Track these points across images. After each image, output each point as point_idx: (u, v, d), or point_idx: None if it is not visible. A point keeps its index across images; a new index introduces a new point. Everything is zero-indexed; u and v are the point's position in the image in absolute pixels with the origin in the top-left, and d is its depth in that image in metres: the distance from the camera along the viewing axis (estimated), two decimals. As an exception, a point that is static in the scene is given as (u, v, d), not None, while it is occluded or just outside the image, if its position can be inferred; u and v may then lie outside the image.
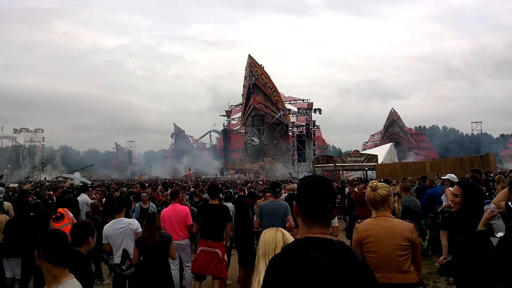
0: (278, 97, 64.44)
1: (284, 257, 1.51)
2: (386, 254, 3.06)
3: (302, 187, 1.69)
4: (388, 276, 3.04)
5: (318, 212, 1.61)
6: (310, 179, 1.70)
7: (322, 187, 1.65)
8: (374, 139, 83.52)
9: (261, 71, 64.87)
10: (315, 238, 1.56)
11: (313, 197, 1.62)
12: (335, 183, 20.41)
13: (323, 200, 1.62)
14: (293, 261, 1.47)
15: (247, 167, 59.17)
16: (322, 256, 1.46)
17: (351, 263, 1.50)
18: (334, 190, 1.71)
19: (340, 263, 1.48)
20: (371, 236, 3.11)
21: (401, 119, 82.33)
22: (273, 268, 1.51)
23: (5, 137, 75.32)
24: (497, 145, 76.00)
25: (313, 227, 1.61)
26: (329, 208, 1.62)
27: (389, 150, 40.81)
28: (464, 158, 24.70)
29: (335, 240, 1.59)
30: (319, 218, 1.62)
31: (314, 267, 1.44)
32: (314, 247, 1.50)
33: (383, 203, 3.21)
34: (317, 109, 57.06)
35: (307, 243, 1.53)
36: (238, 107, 70.50)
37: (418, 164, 27.46)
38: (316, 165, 39.33)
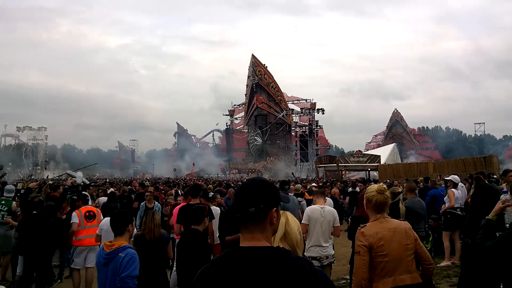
0: (281, 97, 64.41)
1: (207, 270, 1.52)
2: (397, 256, 3.01)
3: (236, 191, 1.68)
4: (401, 278, 3.00)
5: (243, 217, 1.56)
6: (243, 184, 1.67)
7: (248, 189, 1.60)
8: (377, 139, 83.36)
9: (264, 70, 64.85)
10: (243, 248, 1.53)
11: (239, 200, 1.59)
12: (338, 183, 20.39)
13: (247, 202, 1.56)
14: (211, 275, 1.48)
15: (250, 166, 59.18)
16: (240, 266, 1.45)
17: (277, 270, 1.46)
18: (264, 192, 1.59)
19: (261, 271, 1.44)
20: (382, 239, 3.02)
21: (404, 120, 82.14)
22: (197, 278, 1.53)
23: (8, 135, 75.59)
24: (500, 146, 75.65)
25: (245, 234, 1.57)
26: (252, 211, 1.54)
27: (392, 150, 40.73)
28: (467, 159, 24.55)
29: (265, 248, 1.52)
30: (246, 225, 1.57)
31: (226, 279, 1.44)
32: (237, 257, 1.49)
33: (388, 205, 3.19)
34: (320, 109, 57.07)
35: (232, 254, 1.52)
36: (241, 106, 70.52)
37: (421, 165, 27.32)
38: (318, 165, 39.28)
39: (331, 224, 5.56)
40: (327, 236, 5.58)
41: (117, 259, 3.31)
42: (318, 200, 5.82)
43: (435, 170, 23.49)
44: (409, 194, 7.05)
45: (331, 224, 5.56)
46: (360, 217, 6.06)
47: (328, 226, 5.55)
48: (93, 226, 6.53)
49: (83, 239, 6.48)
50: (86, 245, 6.47)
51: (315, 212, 5.58)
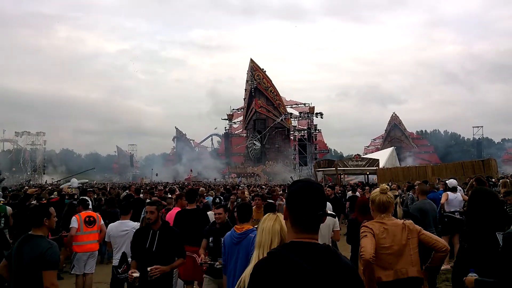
0: (280, 101, 64.50)
1: (268, 263, 1.53)
2: (399, 249, 3.13)
3: (293, 192, 1.66)
4: (403, 271, 3.11)
5: (309, 219, 1.59)
6: (302, 184, 1.66)
7: (315, 193, 1.62)
8: (376, 143, 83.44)
9: (262, 75, 64.98)
10: (300, 243, 1.56)
11: (305, 204, 1.60)
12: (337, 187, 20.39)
13: (315, 207, 1.60)
14: (276, 267, 1.49)
15: (249, 170, 59.13)
16: (305, 261, 1.48)
17: (335, 267, 1.51)
18: (326, 196, 1.69)
19: (324, 267, 1.49)
20: (385, 232, 3.17)
21: (403, 123, 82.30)
22: (257, 274, 1.52)
23: (7, 140, 75.47)
24: (498, 150, 75.78)
25: (301, 233, 1.60)
26: (319, 215, 1.60)
27: (391, 154, 40.76)
28: (466, 163, 24.60)
29: (320, 244, 1.59)
30: (309, 225, 1.60)
31: (297, 273, 1.47)
32: (298, 252, 1.52)
33: (392, 206, 3.32)
34: (319, 113, 57.15)
35: (291, 248, 1.55)
36: (240, 111, 70.58)
37: (420, 169, 27.35)
38: (317, 169, 39.26)
39: (330, 228, 5.55)
40: (327, 240, 5.57)
41: (248, 239, 3.88)
42: None
43: (433, 173, 23.52)
44: (421, 197, 7.05)
45: (330, 228, 5.55)
46: (356, 221, 6.07)
47: (328, 230, 5.54)
48: (93, 232, 6.49)
49: (83, 245, 6.42)
50: (87, 251, 6.42)
51: None
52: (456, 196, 8.20)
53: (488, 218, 2.99)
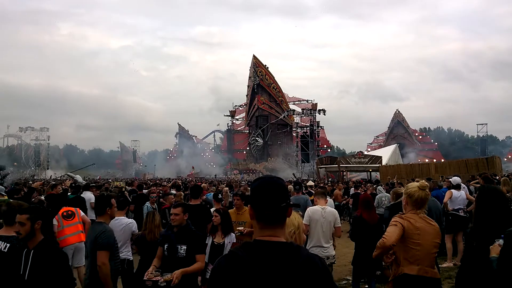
0: (283, 98, 64.35)
1: (222, 261, 1.58)
2: (427, 249, 3.21)
3: (255, 188, 1.68)
4: (426, 269, 3.19)
5: (273, 212, 1.60)
6: (263, 179, 1.70)
7: (275, 186, 1.65)
8: (379, 140, 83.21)
9: (265, 71, 64.81)
10: (260, 242, 1.58)
11: (267, 197, 1.62)
12: (340, 184, 20.34)
13: (276, 200, 1.61)
14: (227, 265, 1.54)
15: (251, 167, 59.12)
16: (257, 259, 1.51)
17: (291, 264, 1.52)
18: (287, 189, 1.70)
19: (277, 264, 1.50)
20: (419, 229, 3.21)
21: (406, 121, 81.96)
22: (213, 270, 1.59)
23: (11, 136, 75.78)
24: (502, 147, 75.43)
25: (265, 229, 1.61)
26: (283, 207, 1.61)
27: (394, 151, 40.61)
28: (469, 160, 24.46)
29: (281, 243, 1.59)
30: (274, 219, 1.61)
31: (244, 273, 1.50)
32: (254, 250, 1.55)
33: (427, 203, 3.38)
34: (322, 110, 56.91)
35: (249, 247, 1.57)
36: (242, 107, 70.50)
37: (423, 166, 27.24)
38: (319, 166, 39.21)
39: (332, 224, 5.54)
40: (328, 236, 5.55)
41: None
42: (319, 201, 5.79)
43: (437, 171, 23.42)
44: None
45: (332, 225, 5.54)
46: (360, 218, 6.04)
47: (329, 227, 5.52)
48: (74, 224, 6.60)
49: (66, 238, 6.51)
50: (71, 243, 6.51)
51: (316, 213, 5.56)
52: (460, 194, 8.14)
53: (497, 216, 2.97)
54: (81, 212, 6.88)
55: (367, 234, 5.73)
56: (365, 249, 5.56)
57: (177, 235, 4.14)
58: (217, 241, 4.85)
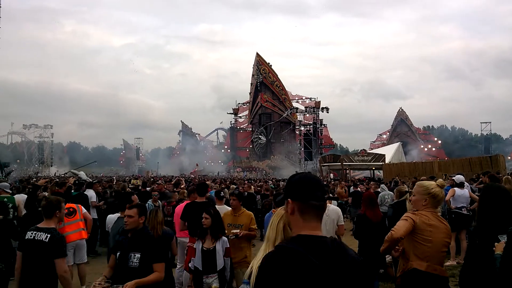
0: (286, 96, 64.26)
1: (276, 256, 1.54)
2: (438, 246, 3.22)
3: (299, 180, 1.70)
4: (434, 267, 3.21)
5: (319, 203, 1.63)
6: (303, 174, 1.75)
7: (318, 179, 1.73)
8: (382, 138, 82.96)
9: (268, 69, 64.72)
10: (307, 236, 1.58)
11: (313, 188, 1.64)
12: (343, 182, 20.33)
13: (322, 191, 1.65)
14: (284, 260, 1.50)
15: (254, 165, 59.13)
16: (313, 254, 1.49)
17: (342, 260, 1.53)
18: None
19: (330, 260, 1.50)
20: (432, 226, 3.23)
21: (409, 119, 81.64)
22: (265, 266, 1.54)
23: (15, 133, 76.11)
24: (506, 146, 75.02)
25: (308, 223, 1.62)
26: (326, 198, 1.66)
27: (397, 149, 40.50)
28: (473, 159, 24.36)
29: (326, 237, 1.61)
30: (319, 211, 1.64)
31: (304, 266, 1.47)
32: (306, 245, 1.53)
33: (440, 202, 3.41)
34: (325, 108, 56.83)
35: (299, 241, 1.56)
36: (245, 105, 70.45)
37: (426, 164, 27.18)
38: (323, 164, 39.14)
39: (335, 222, 5.53)
40: (331, 235, 5.55)
41: None
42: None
43: (440, 169, 23.37)
44: None
45: (335, 223, 5.53)
46: (364, 216, 6.05)
47: (332, 225, 5.52)
48: (75, 221, 6.64)
49: (68, 235, 6.55)
50: (72, 240, 6.56)
51: None
52: (463, 192, 8.12)
53: (500, 215, 2.97)
54: (83, 209, 6.90)
55: (371, 232, 5.73)
56: (369, 247, 5.56)
57: (130, 241, 3.71)
58: (207, 246, 4.46)
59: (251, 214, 5.56)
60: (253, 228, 5.40)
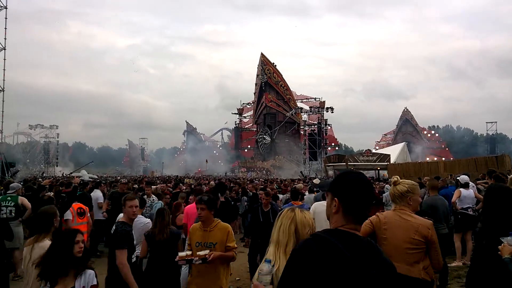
0: (290, 96, 64.22)
1: (311, 244, 1.54)
2: (396, 244, 3.18)
3: (349, 181, 1.68)
4: (395, 265, 3.08)
5: (363, 208, 1.65)
6: (355, 174, 1.74)
7: (369, 182, 1.71)
8: (387, 138, 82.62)
9: (273, 69, 64.70)
10: (344, 231, 1.59)
11: (362, 193, 1.65)
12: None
13: (369, 196, 1.67)
14: (319, 249, 1.51)
15: (258, 165, 59.12)
16: (347, 249, 1.50)
17: (375, 260, 1.54)
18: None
19: (364, 258, 1.51)
20: (386, 224, 3.27)
21: (414, 118, 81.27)
22: (298, 251, 1.56)
23: (21, 133, 76.65)
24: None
25: (349, 222, 1.63)
26: (372, 203, 1.70)
27: (402, 149, 40.35)
28: (479, 159, 24.20)
29: (363, 237, 1.62)
30: (360, 215, 1.65)
31: (338, 258, 1.48)
32: (342, 239, 1.54)
33: (401, 198, 3.35)
34: (329, 108, 56.70)
35: (336, 234, 1.57)
36: (250, 105, 70.50)
37: (432, 164, 27.04)
38: (327, 164, 39.06)
39: None
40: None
41: None
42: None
43: (445, 169, 23.23)
44: (431, 192, 6.98)
45: None
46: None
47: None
48: (83, 223, 6.69)
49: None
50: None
51: (319, 207, 5.62)
52: (469, 193, 8.05)
53: (505, 215, 2.94)
54: (88, 211, 7.01)
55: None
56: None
57: None
58: None
59: (228, 227, 4.19)
60: (231, 247, 4.05)
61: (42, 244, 3.60)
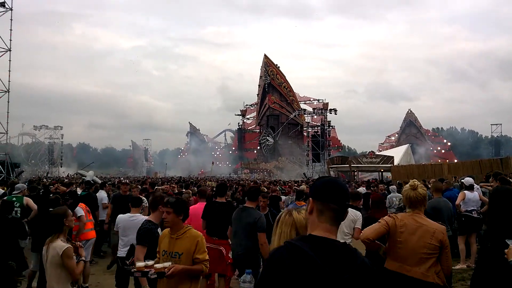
0: (293, 97, 64.19)
1: (283, 252, 1.56)
2: (412, 248, 3.16)
3: (325, 182, 1.72)
4: (407, 268, 3.15)
5: (339, 207, 1.64)
6: (330, 178, 1.78)
7: (343, 184, 1.72)
8: (391, 140, 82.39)
9: (276, 70, 64.72)
10: (318, 237, 1.59)
11: (336, 192, 1.66)
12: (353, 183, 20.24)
13: (345, 196, 1.67)
14: (289, 257, 1.51)
15: (261, 166, 59.11)
16: (319, 256, 1.50)
17: (349, 265, 1.52)
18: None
19: (336, 264, 1.50)
20: (403, 227, 3.22)
21: (418, 120, 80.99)
22: (270, 260, 1.57)
23: (26, 134, 76.98)
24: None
25: (323, 224, 1.63)
26: (346, 205, 1.67)
27: (406, 151, 40.29)
28: (483, 161, 24.05)
29: (337, 241, 1.61)
30: (338, 215, 1.64)
31: (308, 266, 1.48)
32: (314, 246, 1.54)
33: (421, 202, 3.32)
34: (333, 109, 56.64)
35: (308, 241, 1.58)
36: (253, 106, 70.51)
37: (435, 166, 26.92)
38: (331, 165, 39.04)
39: (352, 225, 5.46)
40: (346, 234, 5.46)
41: None
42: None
43: (450, 171, 23.13)
44: (435, 194, 6.97)
45: (352, 224, 5.46)
46: (373, 218, 6.00)
47: (349, 225, 5.45)
48: (90, 220, 6.96)
49: (89, 232, 6.75)
50: (91, 237, 6.80)
51: None
52: (474, 195, 8.03)
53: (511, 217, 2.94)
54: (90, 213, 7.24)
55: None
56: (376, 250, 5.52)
57: None
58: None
59: (199, 235, 3.53)
60: (200, 259, 3.40)
61: (54, 245, 3.79)
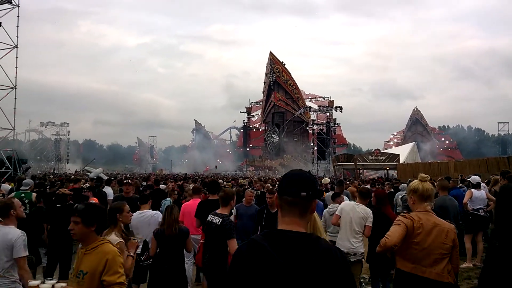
0: (299, 94, 64.06)
1: (243, 248, 1.65)
2: (428, 249, 3.11)
3: (282, 178, 1.78)
4: (422, 269, 3.10)
5: (292, 199, 1.64)
6: (290, 171, 1.78)
7: (298, 175, 1.70)
8: (397, 138, 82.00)
9: (282, 68, 64.60)
10: (277, 231, 1.62)
11: (288, 184, 1.68)
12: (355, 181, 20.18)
13: (297, 187, 1.64)
14: (247, 252, 1.60)
15: (267, 164, 59.12)
16: (274, 248, 1.54)
17: (309, 254, 1.53)
18: (312, 181, 1.70)
19: (294, 254, 1.53)
20: (420, 228, 3.14)
21: (424, 118, 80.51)
22: (234, 257, 1.67)
23: (32, 130, 77.66)
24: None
25: (284, 218, 1.65)
26: (303, 196, 1.64)
27: (412, 149, 40.03)
28: (490, 159, 23.88)
29: (299, 233, 1.60)
30: (292, 206, 1.65)
31: (262, 258, 1.54)
32: (272, 239, 1.58)
33: (430, 198, 3.27)
34: (338, 107, 56.45)
35: (269, 235, 1.61)
36: (258, 104, 70.48)
37: (442, 165, 26.79)
38: (336, 163, 38.91)
39: (363, 222, 5.47)
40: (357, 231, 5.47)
41: None
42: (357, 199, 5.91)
43: (456, 170, 22.99)
44: (441, 192, 6.95)
45: (363, 222, 5.47)
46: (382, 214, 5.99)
47: (360, 223, 5.46)
48: None
49: None
50: None
51: (347, 206, 5.66)
52: (481, 194, 7.97)
53: None
54: None
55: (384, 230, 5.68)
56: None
57: None
58: None
59: (111, 252, 2.81)
60: (109, 282, 2.69)
61: (108, 238, 3.78)
